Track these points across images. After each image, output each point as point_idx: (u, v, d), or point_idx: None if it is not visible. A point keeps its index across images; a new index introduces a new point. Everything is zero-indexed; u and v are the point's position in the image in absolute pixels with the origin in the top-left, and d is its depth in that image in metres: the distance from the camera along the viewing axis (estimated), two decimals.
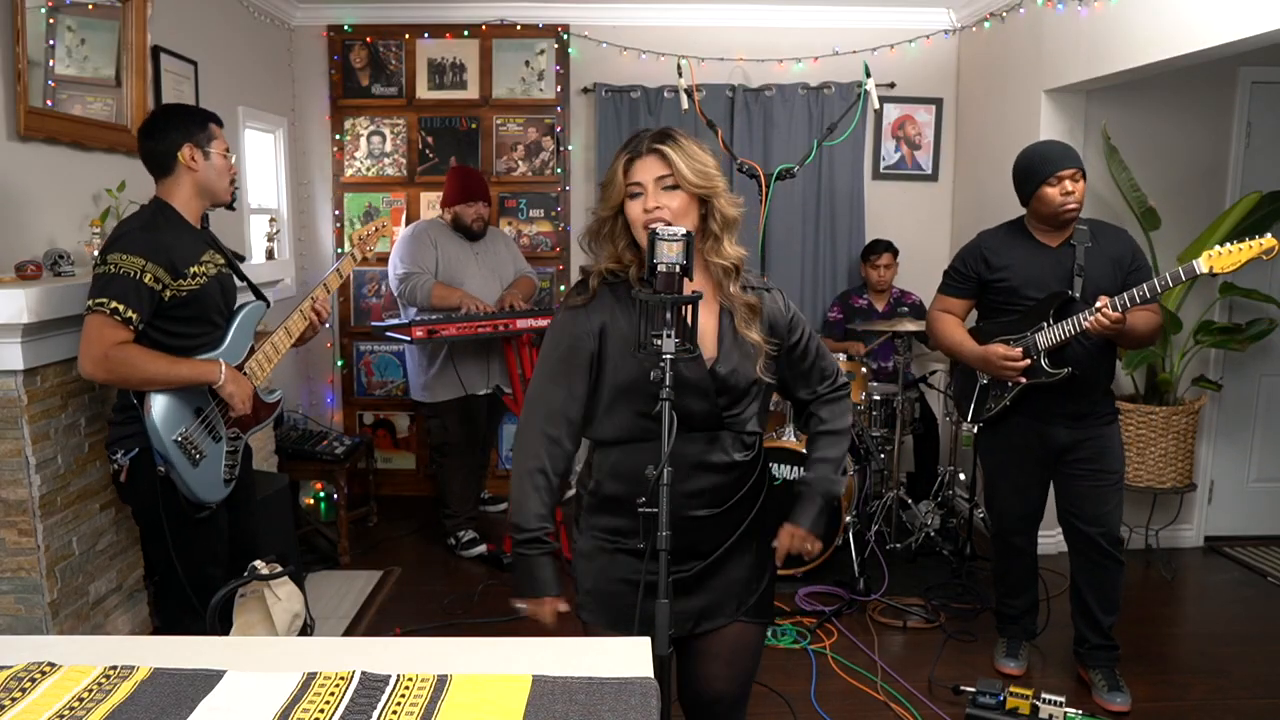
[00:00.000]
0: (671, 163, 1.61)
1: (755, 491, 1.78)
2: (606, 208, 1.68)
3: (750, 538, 1.79)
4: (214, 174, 2.34)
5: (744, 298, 1.70)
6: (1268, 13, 2.62)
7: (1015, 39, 4.20)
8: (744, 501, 1.76)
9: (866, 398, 4.11)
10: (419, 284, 3.88)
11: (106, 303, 2.11)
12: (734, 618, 1.78)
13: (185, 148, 2.28)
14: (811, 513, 1.80)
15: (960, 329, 2.96)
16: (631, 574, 1.72)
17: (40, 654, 1.27)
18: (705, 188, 1.63)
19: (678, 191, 1.62)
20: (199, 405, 2.30)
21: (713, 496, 1.71)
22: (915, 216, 4.96)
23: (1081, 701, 2.87)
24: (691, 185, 1.62)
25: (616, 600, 1.75)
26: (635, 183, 1.63)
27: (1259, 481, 4.36)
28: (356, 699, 1.16)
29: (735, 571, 1.77)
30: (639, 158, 1.63)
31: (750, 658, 1.84)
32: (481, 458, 4.42)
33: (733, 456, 1.71)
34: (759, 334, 1.69)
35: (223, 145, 2.37)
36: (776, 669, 3.07)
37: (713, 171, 1.64)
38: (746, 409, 1.72)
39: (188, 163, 2.29)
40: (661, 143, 1.62)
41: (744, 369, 1.68)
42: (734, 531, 1.75)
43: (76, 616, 2.48)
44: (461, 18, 4.77)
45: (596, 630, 1.78)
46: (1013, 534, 3.01)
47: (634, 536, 1.71)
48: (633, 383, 1.65)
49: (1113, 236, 2.81)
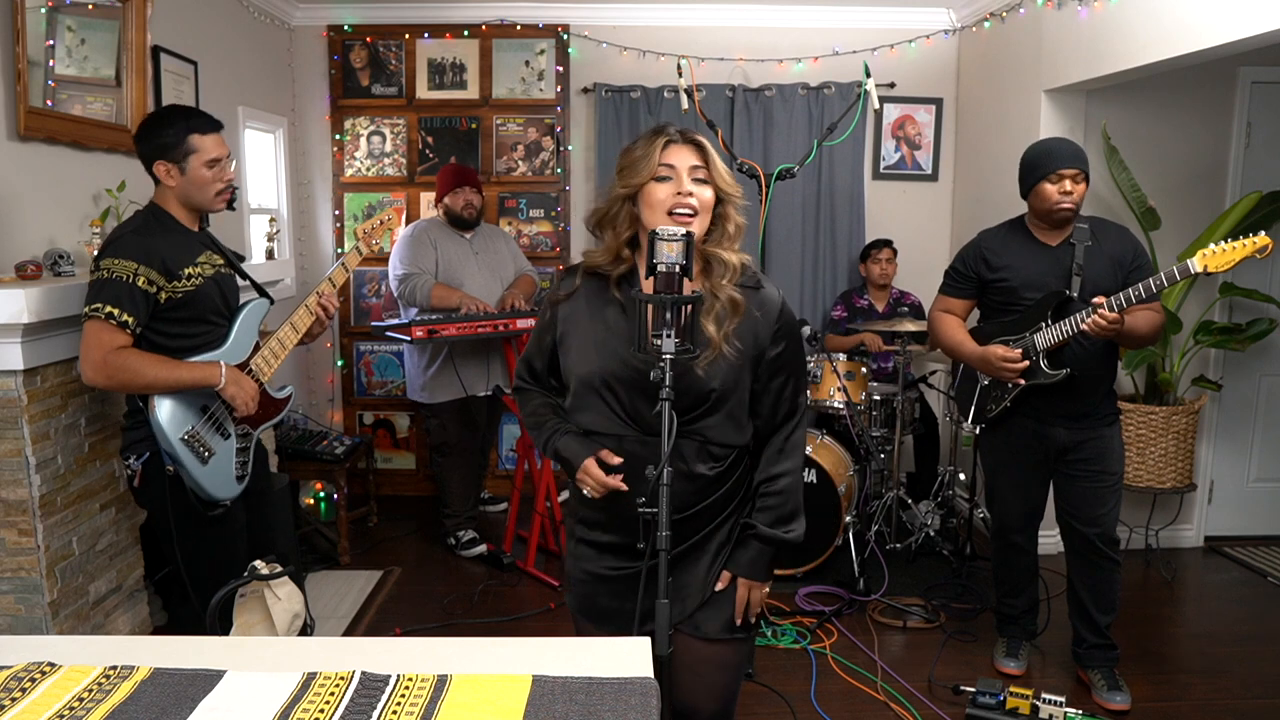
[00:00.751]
0: (708, 157, 1.64)
1: (723, 502, 1.73)
2: (625, 187, 1.65)
3: (706, 547, 1.74)
4: (193, 189, 2.30)
5: (729, 292, 1.64)
6: (1268, 13, 2.62)
7: (1015, 39, 4.20)
8: (704, 513, 1.71)
9: (866, 398, 4.10)
10: (418, 285, 3.88)
11: (102, 308, 2.12)
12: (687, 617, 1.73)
13: (158, 164, 2.28)
14: (747, 558, 1.74)
15: (961, 329, 2.96)
16: (593, 566, 1.77)
17: (40, 654, 1.27)
18: (730, 191, 1.66)
19: (708, 186, 1.64)
20: (205, 403, 2.30)
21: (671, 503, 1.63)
22: (915, 216, 4.96)
23: (1081, 701, 2.87)
24: (723, 183, 1.64)
25: (582, 588, 1.80)
26: (668, 164, 1.62)
27: (1259, 481, 4.36)
28: (356, 699, 1.16)
29: (684, 576, 1.72)
30: (676, 143, 1.64)
31: (718, 672, 1.77)
32: (481, 458, 4.42)
33: (693, 468, 1.66)
34: (720, 331, 1.62)
35: (206, 156, 2.29)
36: (776, 669, 3.07)
37: (732, 177, 1.69)
38: (708, 418, 1.65)
39: (163, 178, 2.29)
40: (699, 135, 1.66)
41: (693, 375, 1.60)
42: (690, 538, 1.71)
43: (76, 616, 2.48)
44: (461, 18, 4.77)
45: (577, 619, 1.83)
46: (1013, 533, 3.01)
47: (598, 529, 1.75)
48: (591, 375, 1.66)
49: (1114, 235, 2.80)
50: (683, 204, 1.60)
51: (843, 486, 3.78)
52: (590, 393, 1.68)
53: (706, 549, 1.74)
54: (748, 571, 1.73)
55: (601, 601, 1.77)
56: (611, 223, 1.68)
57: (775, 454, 1.75)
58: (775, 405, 1.73)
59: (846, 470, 3.93)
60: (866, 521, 4.05)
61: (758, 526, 1.72)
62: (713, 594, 1.74)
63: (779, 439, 1.75)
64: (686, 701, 1.79)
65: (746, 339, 1.66)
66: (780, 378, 1.72)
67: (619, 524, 1.70)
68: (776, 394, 1.73)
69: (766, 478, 1.74)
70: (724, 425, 1.68)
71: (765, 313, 1.68)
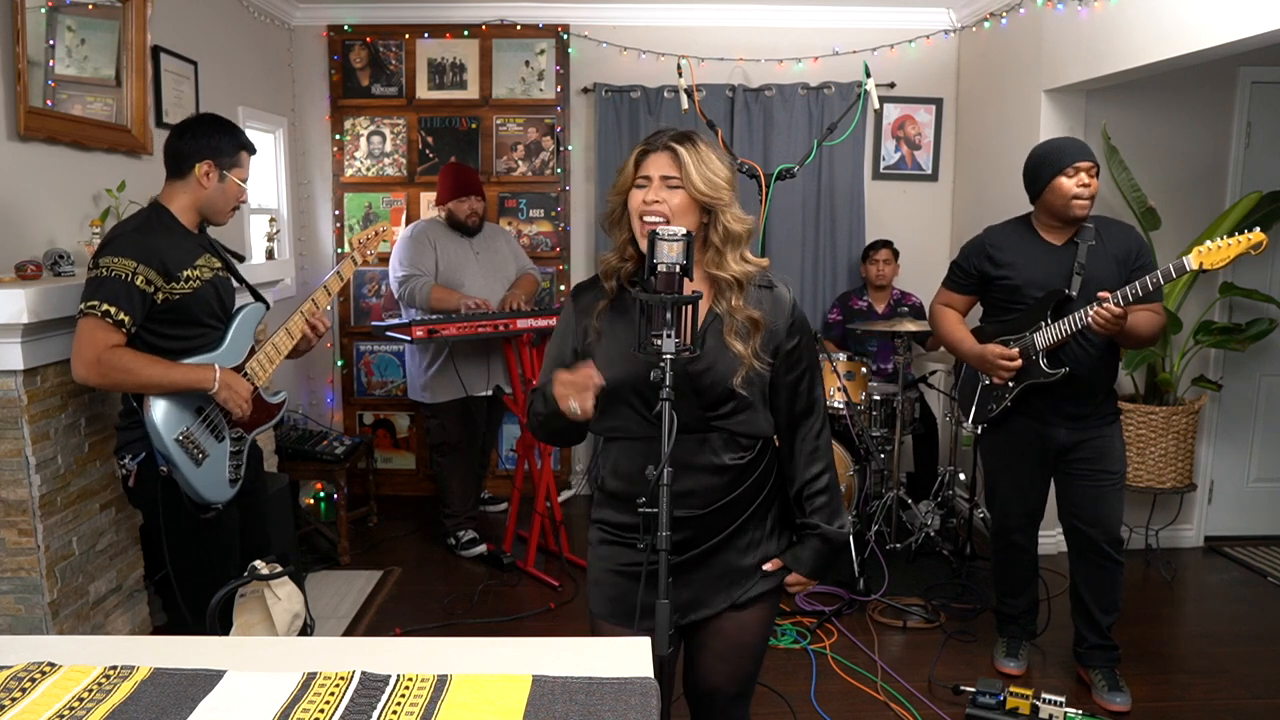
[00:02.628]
0: (681, 164, 1.64)
1: (754, 491, 1.77)
2: (616, 194, 1.72)
3: (745, 532, 1.78)
4: (220, 197, 2.35)
5: (747, 311, 1.68)
6: (1268, 13, 2.62)
7: (1015, 39, 4.20)
8: (738, 502, 1.75)
9: (866, 398, 4.11)
10: (418, 286, 3.88)
11: (98, 305, 2.10)
12: (720, 609, 1.77)
13: (205, 163, 2.29)
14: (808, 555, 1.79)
15: (960, 326, 2.96)
16: (627, 563, 1.77)
17: (40, 654, 1.27)
18: (710, 197, 1.65)
19: (680, 191, 1.65)
20: (200, 404, 2.29)
21: (704, 497, 1.70)
22: (915, 216, 4.96)
23: (1081, 701, 2.87)
24: (696, 190, 1.64)
25: (614, 589, 1.79)
26: (644, 175, 1.67)
27: (1259, 481, 4.36)
28: (356, 699, 1.16)
29: (725, 565, 1.76)
30: (653, 152, 1.68)
31: (743, 654, 1.82)
32: (481, 458, 4.42)
33: (723, 459, 1.70)
34: (747, 347, 1.67)
35: (243, 174, 2.37)
36: (776, 669, 3.07)
37: (722, 184, 1.66)
38: (734, 415, 1.70)
39: (200, 177, 2.30)
40: (679, 143, 1.66)
41: (720, 374, 1.66)
42: (726, 528, 1.75)
43: (76, 616, 2.48)
44: (461, 18, 4.77)
45: (603, 626, 1.81)
46: (1013, 533, 3.01)
47: (634, 532, 1.74)
48: (622, 381, 1.67)
49: (1118, 234, 2.79)
50: (649, 210, 1.65)
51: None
52: (617, 399, 1.70)
53: (740, 540, 1.77)
54: (809, 569, 1.79)
55: (631, 599, 1.75)
56: (617, 225, 1.74)
57: (809, 455, 1.78)
58: (792, 399, 1.76)
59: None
60: (867, 521, 4.05)
61: (820, 525, 1.77)
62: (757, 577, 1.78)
63: (808, 440, 1.78)
64: (705, 680, 1.84)
65: (766, 340, 1.71)
66: (795, 372, 1.75)
67: None
68: (792, 388, 1.76)
69: (808, 479, 1.78)
70: (750, 417, 1.72)
71: (779, 310, 1.72)
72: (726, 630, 1.79)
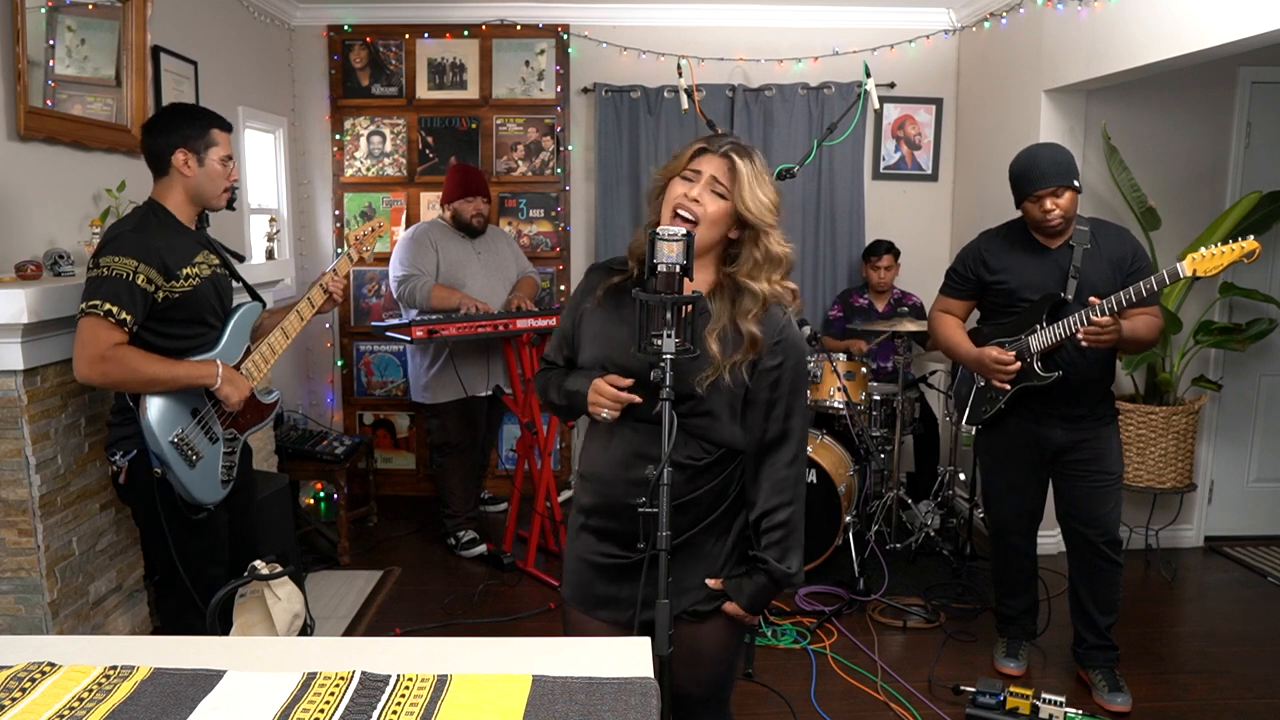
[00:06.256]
0: (736, 177, 1.64)
1: (711, 500, 1.72)
2: (660, 176, 1.73)
3: (702, 545, 1.73)
4: (206, 181, 2.32)
5: (750, 326, 1.64)
6: (1268, 13, 2.62)
7: (1015, 39, 4.20)
8: (693, 505, 1.70)
9: (866, 398, 4.10)
10: (418, 286, 3.88)
11: (99, 304, 2.10)
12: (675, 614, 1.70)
13: (178, 152, 2.28)
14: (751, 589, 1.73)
15: (959, 330, 2.96)
16: (589, 553, 1.78)
17: (40, 654, 1.27)
18: (753, 217, 1.64)
19: (721, 201, 1.65)
20: (195, 406, 2.29)
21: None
22: (915, 216, 4.96)
23: (1081, 701, 2.87)
24: (744, 207, 1.64)
25: (576, 576, 1.80)
26: (694, 169, 1.67)
27: (1259, 481, 4.36)
28: (356, 699, 1.16)
29: (677, 572, 1.68)
30: (712, 153, 1.67)
31: (700, 662, 1.77)
32: (481, 458, 4.42)
33: (679, 454, 1.64)
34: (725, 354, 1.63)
35: (222, 152, 2.34)
36: (776, 669, 3.07)
37: (769, 208, 1.65)
38: (691, 417, 1.65)
39: (180, 167, 2.29)
40: (739, 154, 1.65)
41: (685, 370, 1.61)
42: (683, 532, 1.69)
43: (76, 616, 2.48)
44: (461, 18, 4.77)
45: (570, 611, 1.82)
46: (1011, 534, 3.01)
47: (594, 515, 1.76)
48: (593, 365, 1.71)
49: (1114, 237, 2.80)
50: (684, 206, 1.65)
51: (843, 486, 3.78)
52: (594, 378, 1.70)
53: (700, 551, 1.74)
54: (747, 603, 1.73)
55: (597, 588, 1.77)
56: (655, 199, 1.75)
57: (774, 485, 1.71)
58: (764, 422, 1.69)
59: (846, 470, 3.93)
60: (866, 521, 4.05)
61: (769, 561, 1.70)
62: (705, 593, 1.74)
63: (777, 468, 1.71)
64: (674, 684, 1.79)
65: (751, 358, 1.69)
66: (772, 393, 1.69)
67: (616, 510, 1.70)
68: (765, 409, 1.69)
69: (769, 509, 1.71)
70: (709, 424, 1.68)
71: (768, 328, 1.67)
72: (681, 636, 1.73)
